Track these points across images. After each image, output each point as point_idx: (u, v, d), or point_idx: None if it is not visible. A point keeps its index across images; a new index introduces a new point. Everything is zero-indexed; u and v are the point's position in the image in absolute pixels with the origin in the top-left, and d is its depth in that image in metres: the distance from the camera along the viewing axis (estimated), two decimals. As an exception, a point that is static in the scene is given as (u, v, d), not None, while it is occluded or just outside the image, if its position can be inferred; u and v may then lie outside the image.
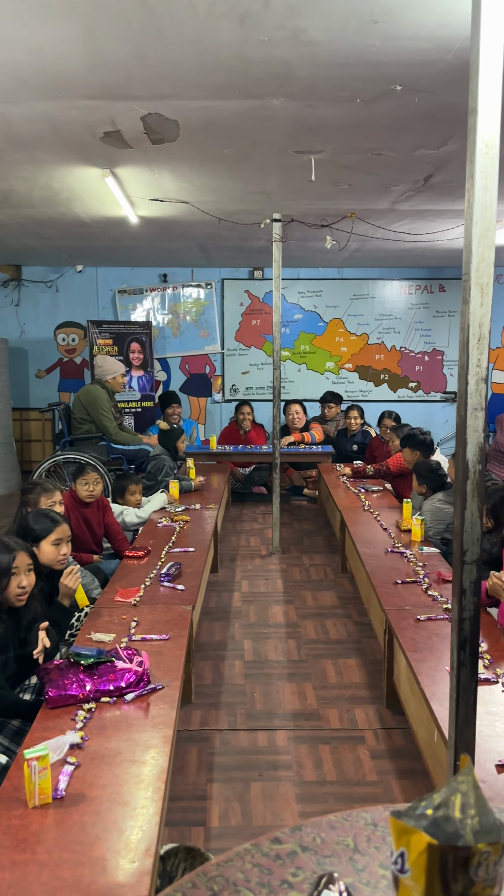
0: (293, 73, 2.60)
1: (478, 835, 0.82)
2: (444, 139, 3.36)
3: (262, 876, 0.94)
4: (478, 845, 0.74)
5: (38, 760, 1.81)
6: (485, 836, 0.81)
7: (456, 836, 0.82)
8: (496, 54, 1.70)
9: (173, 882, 2.05)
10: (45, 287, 8.31)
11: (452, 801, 0.84)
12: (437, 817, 0.83)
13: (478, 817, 0.83)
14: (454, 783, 0.85)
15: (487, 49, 1.69)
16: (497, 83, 1.70)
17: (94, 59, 2.50)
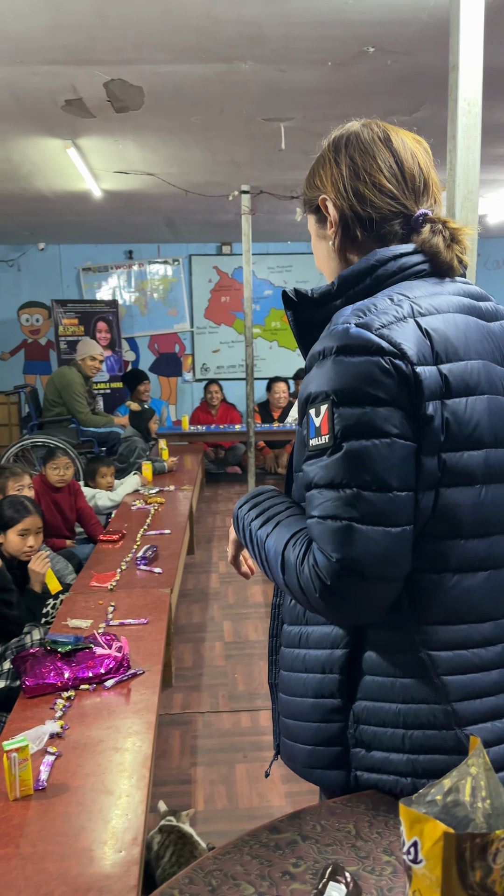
0: (264, 34, 2.50)
1: (489, 818, 0.78)
2: (416, 104, 3.30)
3: (263, 868, 0.89)
4: (496, 832, 0.69)
5: (18, 752, 1.75)
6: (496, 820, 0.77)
7: (467, 820, 0.77)
8: (477, 7, 1.63)
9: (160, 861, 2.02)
10: (7, 266, 8.09)
11: (462, 786, 0.80)
12: (447, 803, 0.79)
13: (489, 800, 0.79)
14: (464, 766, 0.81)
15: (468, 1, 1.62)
16: (478, 38, 1.64)
17: (56, 19, 2.37)
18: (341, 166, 1.07)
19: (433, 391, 0.93)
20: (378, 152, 1.05)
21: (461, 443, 0.95)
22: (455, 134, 1.67)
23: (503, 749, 0.99)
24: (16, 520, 2.95)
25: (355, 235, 1.07)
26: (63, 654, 2.37)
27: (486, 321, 1.03)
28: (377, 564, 0.91)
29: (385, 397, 0.91)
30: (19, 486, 3.47)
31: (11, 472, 3.52)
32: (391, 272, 1.01)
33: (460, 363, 0.96)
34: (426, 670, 0.97)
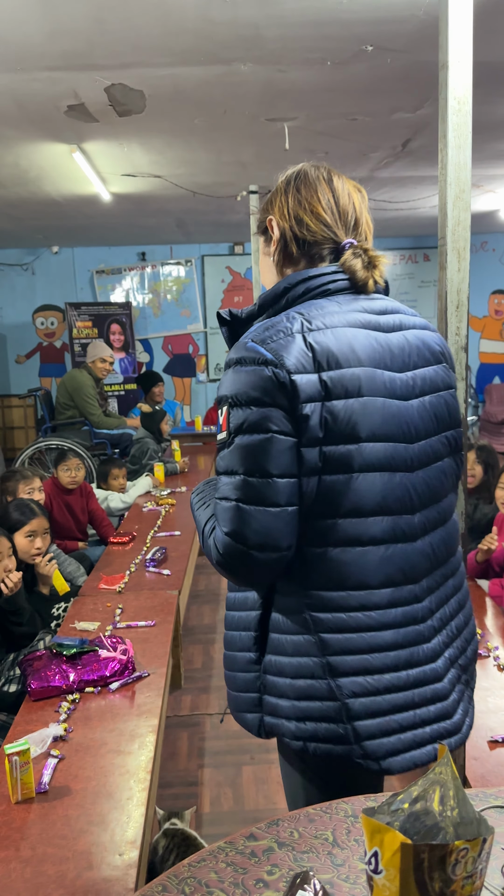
0: (261, 35, 2.50)
1: (458, 827, 0.77)
2: (420, 101, 3.27)
3: (237, 875, 0.89)
4: (455, 843, 0.69)
5: (19, 755, 1.77)
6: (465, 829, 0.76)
7: (436, 828, 0.77)
8: (466, 5, 1.61)
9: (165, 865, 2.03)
10: (22, 270, 8.16)
11: (431, 794, 0.79)
12: (415, 811, 0.79)
13: (458, 809, 0.79)
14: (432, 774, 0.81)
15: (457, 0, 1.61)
16: (468, 34, 1.62)
17: (53, 25, 2.39)
18: (288, 195, 1.26)
19: (310, 395, 1.10)
20: (320, 188, 1.25)
21: (339, 438, 1.12)
22: (446, 133, 1.65)
23: (369, 700, 1.15)
24: (22, 522, 2.97)
25: (291, 252, 1.26)
26: (68, 656, 2.38)
27: (384, 332, 1.21)
28: (257, 537, 1.10)
29: (267, 400, 1.10)
30: (30, 490, 3.49)
31: (21, 475, 3.55)
32: (299, 294, 1.20)
33: (340, 371, 1.13)
34: (309, 628, 1.16)
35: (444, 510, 1.28)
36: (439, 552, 1.25)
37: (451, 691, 1.22)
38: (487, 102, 3.33)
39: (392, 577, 1.17)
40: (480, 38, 2.52)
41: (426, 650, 1.19)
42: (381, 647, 1.15)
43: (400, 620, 1.17)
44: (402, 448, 1.18)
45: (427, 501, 1.23)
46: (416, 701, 1.17)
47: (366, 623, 1.15)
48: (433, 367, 1.26)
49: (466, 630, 1.32)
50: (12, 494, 3.44)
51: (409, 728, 1.16)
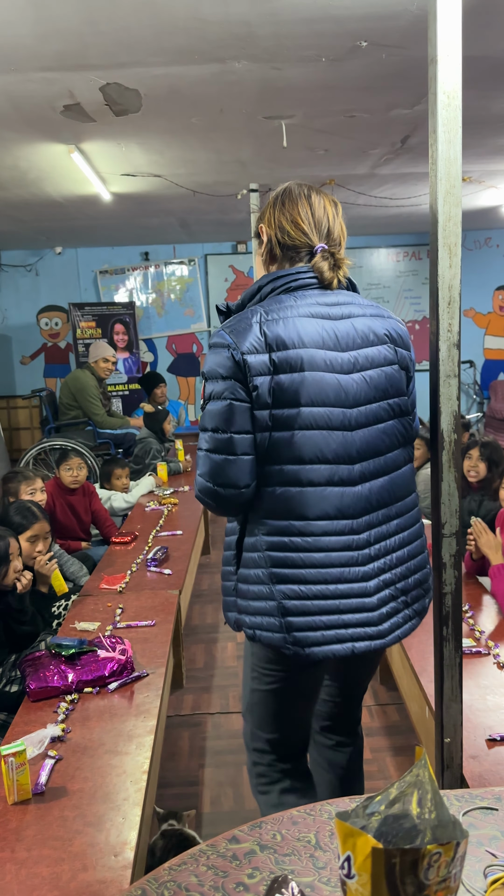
0: (254, 33, 2.49)
1: (436, 829, 0.76)
2: (417, 97, 3.25)
3: (217, 879, 0.88)
4: (427, 847, 0.68)
5: (16, 756, 1.77)
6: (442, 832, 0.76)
7: (414, 831, 0.76)
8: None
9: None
10: (25, 271, 8.18)
11: (409, 796, 0.78)
12: (392, 813, 0.78)
13: (435, 812, 0.78)
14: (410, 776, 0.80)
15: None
16: (457, 29, 1.60)
17: (45, 27, 2.39)
18: (275, 208, 1.58)
19: (260, 370, 1.44)
20: (300, 203, 1.57)
21: (284, 403, 1.46)
22: (436, 128, 1.63)
23: (300, 603, 1.49)
24: (24, 526, 2.98)
25: (276, 254, 1.60)
26: (67, 657, 2.39)
27: (333, 320, 1.53)
28: (220, 478, 1.47)
29: (227, 375, 1.45)
30: (31, 490, 3.49)
31: (23, 475, 3.55)
32: (268, 291, 1.54)
33: (286, 351, 1.46)
34: (260, 548, 1.51)
35: (388, 463, 1.59)
36: (380, 496, 1.56)
37: (380, 606, 1.55)
38: (485, 98, 3.31)
39: (327, 511, 1.49)
40: (475, 34, 2.51)
41: (358, 571, 1.52)
42: (313, 564, 1.49)
43: (332, 546, 1.50)
44: (340, 412, 1.50)
45: (366, 455, 1.54)
46: (341, 608, 1.50)
47: (301, 545, 1.49)
48: (376, 347, 1.57)
49: (411, 562, 1.65)
50: (14, 495, 3.44)
51: (331, 627, 1.49)
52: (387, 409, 1.58)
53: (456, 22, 1.61)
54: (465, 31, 1.64)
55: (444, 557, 1.77)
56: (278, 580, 1.50)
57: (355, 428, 1.52)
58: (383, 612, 1.56)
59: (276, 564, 1.50)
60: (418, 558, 1.67)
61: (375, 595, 1.54)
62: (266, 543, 1.51)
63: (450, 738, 1.82)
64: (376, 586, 1.55)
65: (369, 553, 1.54)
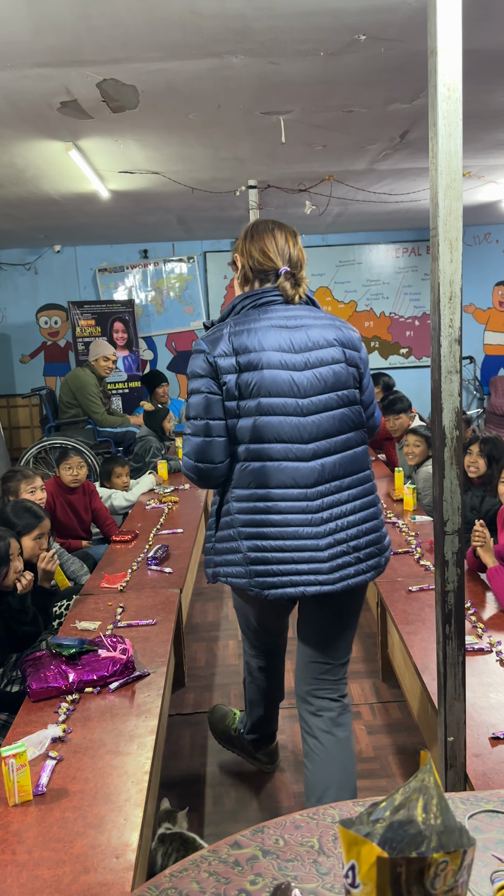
0: (250, 27, 2.46)
1: (442, 836, 0.75)
2: (416, 91, 3.22)
3: (219, 885, 0.87)
4: (433, 855, 0.67)
5: (16, 758, 1.76)
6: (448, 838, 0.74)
7: (420, 837, 0.75)
8: (455, -11, 1.58)
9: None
10: (24, 270, 8.16)
11: (414, 802, 0.77)
12: (397, 820, 0.76)
13: (441, 817, 0.76)
14: (415, 781, 0.78)
15: (445, -16, 1.57)
16: (457, 20, 1.58)
17: (39, 22, 2.36)
18: (247, 240, 1.98)
19: (228, 370, 1.85)
20: (266, 235, 1.96)
21: (248, 396, 1.85)
22: (436, 121, 1.61)
23: (261, 555, 1.87)
24: (32, 525, 2.97)
25: (249, 276, 1.99)
26: (68, 657, 2.37)
27: (289, 329, 1.90)
28: (199, 455, 1.88)
29: (203, 374, 1.87)
30: (32, 489, 3.47)
31: (23, 474, 3.53)
32: (239, 308, 1.95)
33: (248, 355, 1.85)
34: (231, 512, 1.91)
35: (338, 443, 1.93)
36: (332, 470, 1.90)
37: (330, 560, 1.88)
38: (485, 91, 3.28)
39: (284, 482, 1.87)
40: (474, 26, 2.49)
41: (311, 531, 1.87)
42: (272, 524, 1.87)
43: (289, 510, 1.86)
44: (294, 402, 1.87)
45: (318, 437, 1.89)
46: (296, 559, 1.86)
47: (263, 509, 1.87)
48: (326, 349, 1.91)
49: (363, 525, 1.95)
50: (14, 494, 3.43)
51: (287, 574, 1.86)
52: (336, 400, 1.92)
53: (456, 13, 1.59)
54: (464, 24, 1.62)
55: (447, 555, 1.76)
56: (244, 537, 1.89)
57: (307, 414, 1.88)
58: (333, 564, 1.89)
59: (244, 525, 1.89)
60: (371, 523, 1.98)
61: (327, 550, 1.88)
62: (236, 508, 1.90)
63: (453, 736, 1.80)
64: (328, 543, 1.88)
65: (322, 517, 1.88)
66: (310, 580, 1.87)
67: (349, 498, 1.93)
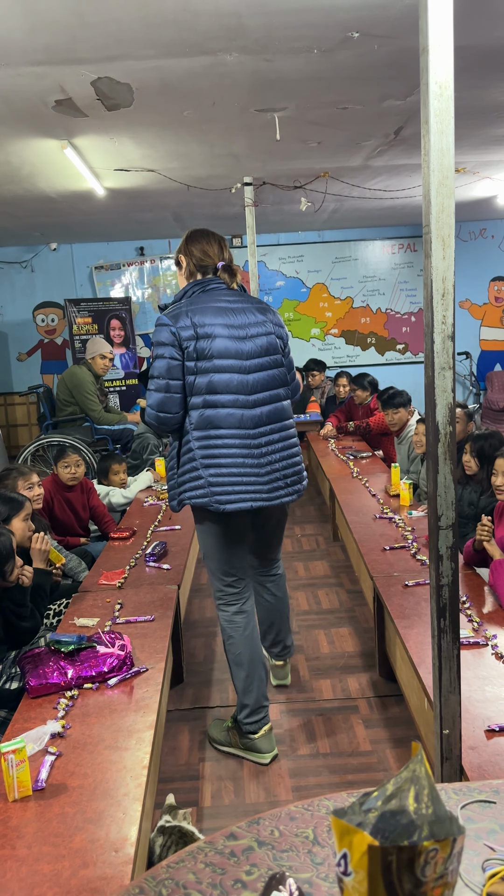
0: (244, 24, 2.47)
1: (433, 825, 0.76)
2: (410, 88, 3.23)
3: (215, 876, 0.88)
4: (424, 843, 0.68)
5: (15, 753, 1.77)
6: (439, 827, 0.75)
7: (412, 826, 0.76)
8: (446, -13, 1.58)
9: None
10: (21, 267, 8.15)
11: (406, 792, 0.78)
12: (389, 809, 0.78)
13: (432, 807, 0.78)
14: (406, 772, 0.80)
15: (436, -19, 1.57)
16: (448, 18, 1.59)
17: (33, 20, 2.37)
18: (188, 243, 2.54)
19: (187, 339, 2.37)
20: (203, 238, 2.55)
21: (203, 358, 2.37)
22: (428, 118, 1.62)
23: (219, 479, 2.41)
24: (19, 507, 2.95)
25: (193, 271, 2.55)
26: (66, 653, 2.39)
27: (232, 307, 2.46)
28: (160, 407, 2.40)
29: (167, 343, 2.37)
30: (29, 485, 3.45)
31: (19, 471, 3.51)
32: (191, 293, 2.49)
33: (204, 328, 2.38)
34: (193, 449, 2.42)
35: (272, 396, 2.50)
36: (269, 417, 2.48)
37: (268, 483, 2.47)
38: (478, 87, 3.29)
39: (233, 424, 2.41)
40: (467, 23, 2.49)
41: (254, 462, 2.44)
42: (224, 456, 2.41)
43: (237, 445, 2.41)
44: (238, 363, 2.42)
45: (258, 390, 2.46)
46: (244, 482, 2.42)
47: (218, 445, 2.41)
48: (261, 324, 2.50)
49: (288, 461, 2.53)
50: (12, 491, 3.42)
51: (238, 493, 2.42)
52: (269, 362, 2.50)
53: (447, 11, 1.60)
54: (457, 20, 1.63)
55: (441, 549, 1.77)
56: (204, 467, 2.42)
57: (249, 373, 2.45)
58: (270, 486, 2.48)
59: (203, 457, 2.42)
60: (294, 459, 2.57)
61: (265, 476, 2.47)
62: (196, 446, 2.42)
63: (448, 729, 1.82)
64: (266, 472, 2.47)
65: (261, 451, 2.46)
66: (255, 497, 2.45)
67: (279, 439, 2.51)
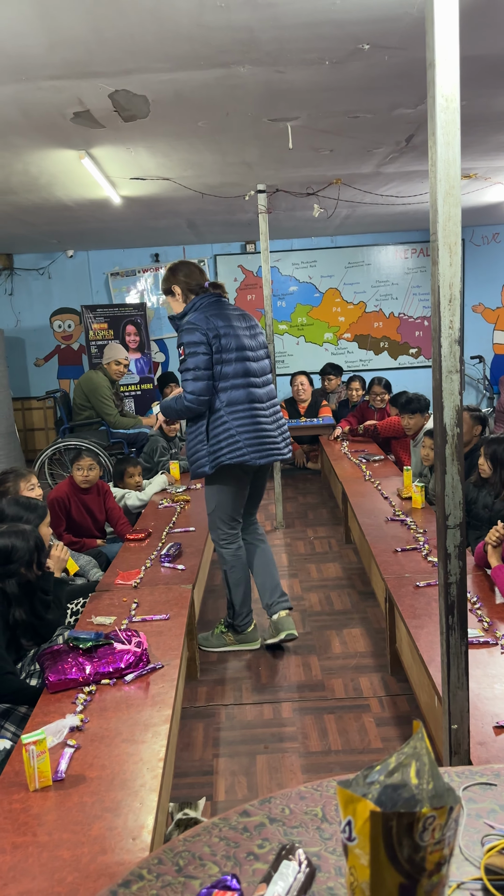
0: (256, 38, 2.54)
1: (433, 800, 0.81)
2: (420, 97, 3.28)
3: (229, 849, 0.94)
4: (422, 810, 0.73)
5: (36, 745, 1.83)
6: (438, 801, 0.81)
7: (413, 801, 0.81)
8: (451, 4, 1.64)
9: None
10: (38, 274, 8.27)
11: (407, 768, 0.83)
12: (391, 783, 0.83)
13: (432, 782, 0.83)
14: (408, 748, 0.85)
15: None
16: (454, 35, 1.64)
17: (53, 37, 2.45)
18: (176, 274, 3.30)
19: (213, 338, 3.13)
20: (185, 266, 3.32)
21: (226, 352, 3.14)
22: (434, 130, 1.68)
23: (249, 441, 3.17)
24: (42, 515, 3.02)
25: (186, 293, 3.28)
26: (84, 650, 2.45)
27: (234, 313, 3.26)
28: (200, 392, 3.12)
29: (200, 342, 3.12)
30: (30, 486, 3.46)
31: (18, 473, 3.50)
32: (199, 304, 3.23)
33: (224, 328, 3.15)
34: (226, 422, 3.16)
35: (269, 379, 3.34)
36: (269, 394, 3.31)
37: (280, 442, 3.30)
38: (485, 95, 3.34)
39: (254, 400, 3.18)
40: (474, 33, 2.55)
41: (271, 427, 3.24)
42: (254, 423, 3.17)
43: (259, 415, 3.17)
44: (251, 353, 3.22)
45: (263, 374, 3.29)
46: (268, 442, 3.21)
47: (247, 416, 3.16)
48: (252, 324, 3.31)
49: (284, 426, 3.38)
50: (13, 494, 3.44)
51: (265, 450, 3.19)
52: (264, 353, 3.35)
53: (453, 26, 1.65)
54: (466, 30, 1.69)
55: (449, 548, 1.82)
56: (240, 433, 3.14)
57: (257, 361, 3.26)
58: (280, 445, 3.30)
59: (239, 426, 3.15)
60: (286, 425, 3.42)
61: (278, 438, 3.30)
62: (231, 418, 3.14)
63: (457, 724, 1.86)
64: (278, 434, 3.30)
65: (271, 420, 3.27)
66: (274, 453, 3.25)
67: (277, 411, 3.37)
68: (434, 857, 0.75)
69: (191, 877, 0.88)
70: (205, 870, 0.91)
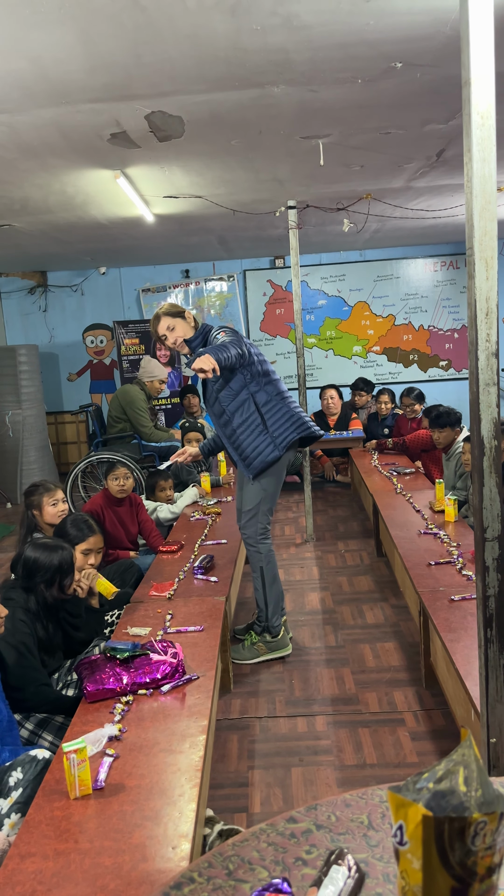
0: (291, 59, 2.59)
1: (482, 807, 0.82)
2: (452, 112, 3.31)
3: (277, 854, 0.96)
4: (474, 815, 0.74)
5: (77, 753, 1.86)
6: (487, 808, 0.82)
7: (461, 807, 0.82)
8: (486, 24, 1.67)
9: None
10: (71, 291, 8.43)
11: (455, 775, 0.85)
12: (440, 790, 0.84)
13: (481, 790, 0.84)
14: (456, 755, 0.86)
15: (477, 19, 1.66)
16: (489, 53, 1.67)
17: (93, 61, 2.52)
18: (180, 315, 3.45)
19: (248, 344, 3.39)
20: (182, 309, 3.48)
21: (257, 356, 3.45)
22: (470, 147, 1.70)
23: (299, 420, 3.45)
24: (80, 538, 3.09)
25: (194, 327, 3.46)
26: (121, 660, 2.48)
27: None
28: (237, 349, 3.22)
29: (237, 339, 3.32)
30: (54, 501, 3.49)
31: (45, 488, 3.53)
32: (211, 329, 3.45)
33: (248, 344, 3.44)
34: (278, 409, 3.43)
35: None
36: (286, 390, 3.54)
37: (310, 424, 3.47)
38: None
39: (284, 391, 3.48)
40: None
41: (300, 413, 3.44)
42: (294, 407, 3.45)
43: (293, 403, 3.51)
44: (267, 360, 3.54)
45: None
46: (307, 422, 3.44)
47: (288, 402, 3.45)
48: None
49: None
50: (37, 508, 3.47)
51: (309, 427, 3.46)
52: None
53: (488, 45, 1.68)
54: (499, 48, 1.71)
55: (487, 561, 1.82)
56: (293, 412, 3.41)
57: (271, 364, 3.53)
58: (311, 424, 3.48)
59: (290, 406, 3.42)
60: None
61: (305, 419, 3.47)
62: (282, 403, 3.40)
63: (496, 738, 1.86)
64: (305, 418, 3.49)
65: (297, 406, 3.48)
66: (312, 435, 3.47)
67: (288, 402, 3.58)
68: (485, 862, 0.76)
69: (241, 880, 0.90)
70: (254, 874, 0.92)
